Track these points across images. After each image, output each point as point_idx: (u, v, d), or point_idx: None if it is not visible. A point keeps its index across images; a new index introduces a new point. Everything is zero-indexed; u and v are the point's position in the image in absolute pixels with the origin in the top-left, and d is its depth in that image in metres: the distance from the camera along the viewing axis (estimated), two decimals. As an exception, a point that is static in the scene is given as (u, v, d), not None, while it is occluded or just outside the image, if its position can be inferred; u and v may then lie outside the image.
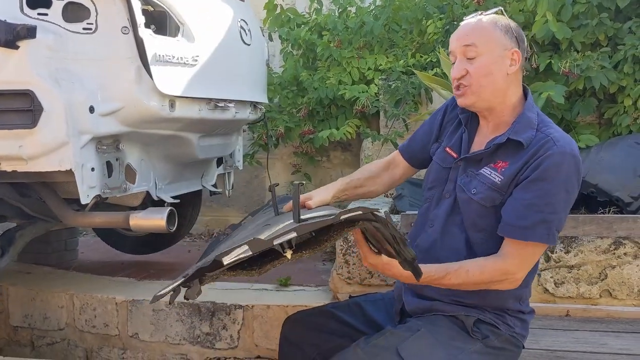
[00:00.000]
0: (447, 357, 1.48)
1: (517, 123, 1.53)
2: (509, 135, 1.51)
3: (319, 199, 1.63)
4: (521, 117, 1.54)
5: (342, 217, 1.23)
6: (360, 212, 1.24)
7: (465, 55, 1.52)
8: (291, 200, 1.53)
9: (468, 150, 1.62)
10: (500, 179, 1.50)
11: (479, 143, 1.62)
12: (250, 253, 1.21)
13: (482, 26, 1.52)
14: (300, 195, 1.56)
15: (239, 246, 1.20)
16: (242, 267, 1.37)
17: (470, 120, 1.65)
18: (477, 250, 1.55)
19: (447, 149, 1.66)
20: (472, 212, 1.55)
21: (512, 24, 1.56)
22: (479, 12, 1.58)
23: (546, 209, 1.44)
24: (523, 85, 1.59)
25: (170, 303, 1.52)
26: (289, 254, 1.30)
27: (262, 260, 1.38)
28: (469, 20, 1.57)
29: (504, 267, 1.48)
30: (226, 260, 1.21)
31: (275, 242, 1.22)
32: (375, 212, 1.25)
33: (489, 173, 1.52)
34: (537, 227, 1.44)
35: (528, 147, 1.49)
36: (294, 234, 1.21)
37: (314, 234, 1.37)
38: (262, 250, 1.24)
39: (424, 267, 1.40)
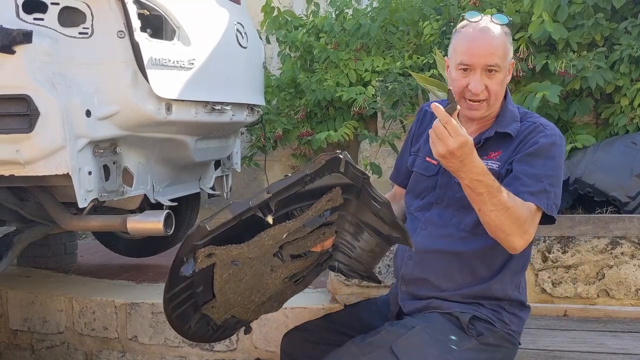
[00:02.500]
0: (440, 355, 1.49)
1: (501, 117, 1.62)
2: (496, 129, 1.60)
3: None
4: (503, 111, 1.62)
5: (308, 169, 1.28)
6: (323, 161, 1.28)
7: (486, 70, 1.54)
8: None
9: None
10: (498, 165, 1.57)
11: None
12: (231, 215, 1.25)
13: (503, 42, 1.56)
14: None
15: (220, 211, 1.26)
16: (232, 241, 1.38)
17: None
18: (476, 245, 1.58)
19: (428, 158, 1.70)
20: None
21: (510, 27, 1.62)
22: (490, 18, 1.59)
23: (546, 181, 1.52)
24: None
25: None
26: (269, 218, 1.31)
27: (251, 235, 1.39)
28: (486, 29, 1.55)
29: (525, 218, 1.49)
30: (210, 226, 1.25)
31: (252, 203, 1.25)
32: (339, 155, 1.29)
33: (486, 164, 1.54)
34: (540, 194, 1.51)
35: (517, 136, 1.59)
36: (265, 193, 1.25)
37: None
38: (243, 213, 1.27)
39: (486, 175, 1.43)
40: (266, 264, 1.47)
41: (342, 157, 1.29)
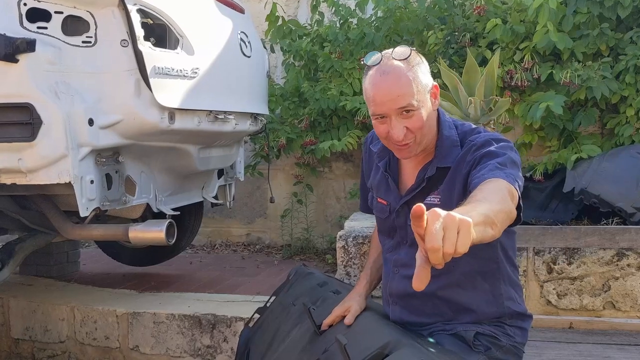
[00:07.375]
0: None
1: (439, 148, 1.52)
2: (437, 164, 1.51)
3: (357, 307, 1.62)
4: (441, 140, 1.52)
5: None
6: None
7: (401, 113, 1.43)
8: (330, 316, 1.62)
9: (399, 192, 1.61)
10: (439, 199, 1.49)
11: (409, 177, 1.60)
12: None
13: (410, 79, 1.42)
14: (335, 308, 1.63)
15: None
16: None
17: (390, 163, 1.64)
18: (451, 278, 1.53)
19: (379, 199, 1.66)
20: None
21: (419, 55, 1.49)
22: (387, 55, 1.46)
23: (505, 169, 1.35)
24: None
25: None
26: None
27: None
28: (387, 71, 1.43)
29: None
30: None
31: None
32: None
33: (430, 201, 1.50)
34: (504, 176, 1.32)
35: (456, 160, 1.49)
36: None
37: None
38: None
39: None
40: None
41: None
